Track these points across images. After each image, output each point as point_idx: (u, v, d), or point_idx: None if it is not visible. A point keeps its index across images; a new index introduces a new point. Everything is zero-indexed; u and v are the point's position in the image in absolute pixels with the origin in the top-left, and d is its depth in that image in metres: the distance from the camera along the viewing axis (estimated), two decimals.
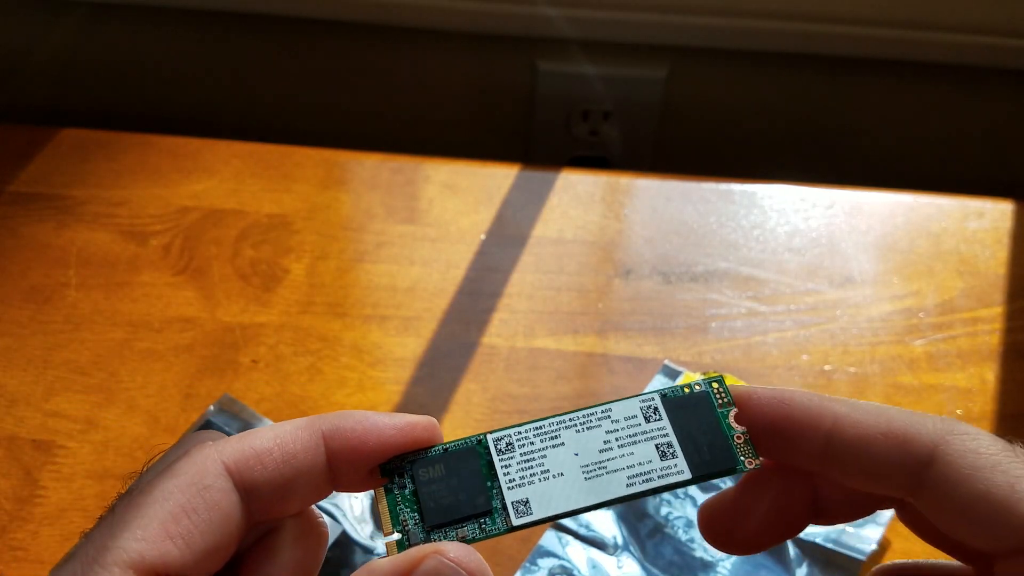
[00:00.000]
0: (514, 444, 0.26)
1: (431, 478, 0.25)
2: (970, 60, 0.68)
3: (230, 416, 0.51)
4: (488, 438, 0.26)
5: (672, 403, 0.26)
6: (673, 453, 0.25)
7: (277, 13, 0.71)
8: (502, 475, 0.25)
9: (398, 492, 0.25)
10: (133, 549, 0.21)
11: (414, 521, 0.25)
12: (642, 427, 0.26)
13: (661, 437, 0.26)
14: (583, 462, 0.25)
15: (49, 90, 0.78)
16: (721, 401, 0.26)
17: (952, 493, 0.23)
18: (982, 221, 0.62)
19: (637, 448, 0.26)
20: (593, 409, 0.26)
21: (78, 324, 0.56)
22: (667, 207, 0.63)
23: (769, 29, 0.68)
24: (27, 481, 0.50)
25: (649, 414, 0.26)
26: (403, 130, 0.78)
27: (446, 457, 0.26)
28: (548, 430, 0.26)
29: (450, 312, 0.57)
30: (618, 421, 0.26)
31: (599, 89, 0.73)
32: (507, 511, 0.25)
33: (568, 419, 0.26)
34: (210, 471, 0.23)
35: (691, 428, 0.26)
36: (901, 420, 0.24)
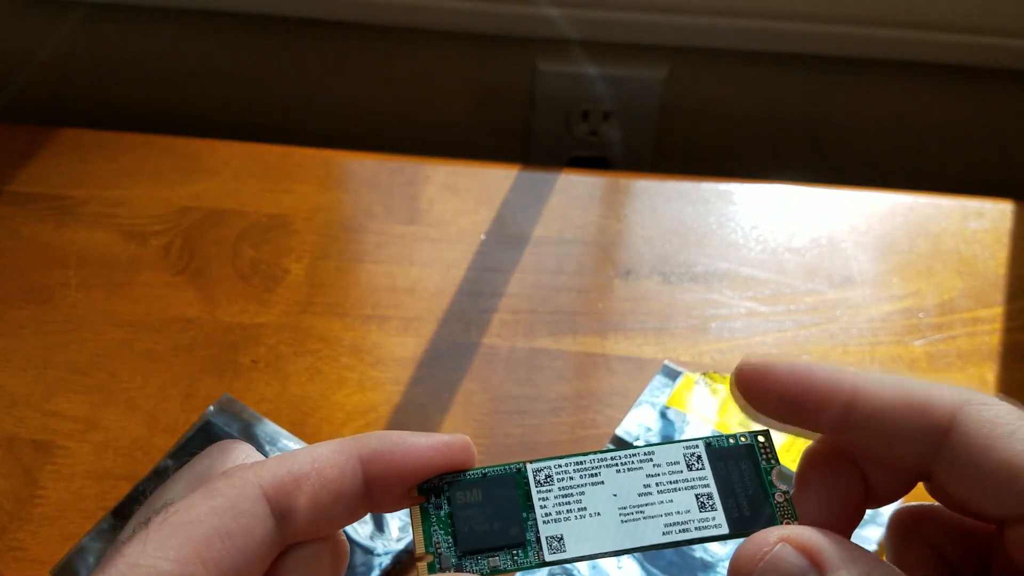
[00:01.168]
0: (553, 477, 0.25)
1: (468, 502, 0.25)
2: (970, 60, 0.68)
3: (230, 416, 0.51)
4: (528, 468, 0.26)
5: (716, 453, 0.26)
6: (712, 505, 0.25)
7: (277, 13, 0.71)
8: (539, 508, 0.25)
9: (434, 513, 0.25)
10: (164, 570, 0.21)
11: (447, 544, 0.25)
12: (683, 474, 0.26)
13: (702, 487, 0.25)
14: (621, 503, 0.25)
15: (49, 90, 0.78)
16: (766, 456, 0.26)
17: (969, 461, 0.23)
18: (982, 221, 0.62)
19: (677, 495, 0.25)
20: (635, 450, 0.26)
21: (78, 324, 0.56)
22: (667, 207, 0.63)
23: (769, 29, 0.68)
24: (27, 481, 0.50)
25: (692, 462, 0.26)
26: (403, 130, 0.78)
27: (484, 483, 0.25)
28: (589, 466, 0.26)
29: (450, 312, 0.57)
30: (660, 465, 0.26)
31: (599, 89, 0.73)
32: (541, 545, 0.24)
33: (610, 457, 0.26)
34: (248, 496, 0.23)
35: (733, 481, 0.26)
36: (920, 390, 0.24)
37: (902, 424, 0.24)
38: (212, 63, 0.75)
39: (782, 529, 0.23)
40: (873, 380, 0.24)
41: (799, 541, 0.23)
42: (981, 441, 0.23)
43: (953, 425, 0.23)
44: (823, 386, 0.24)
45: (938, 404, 0.23)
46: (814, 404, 0.24)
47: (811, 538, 0.23)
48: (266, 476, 0.23)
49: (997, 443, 0.22)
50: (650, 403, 0.53)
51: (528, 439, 0.52)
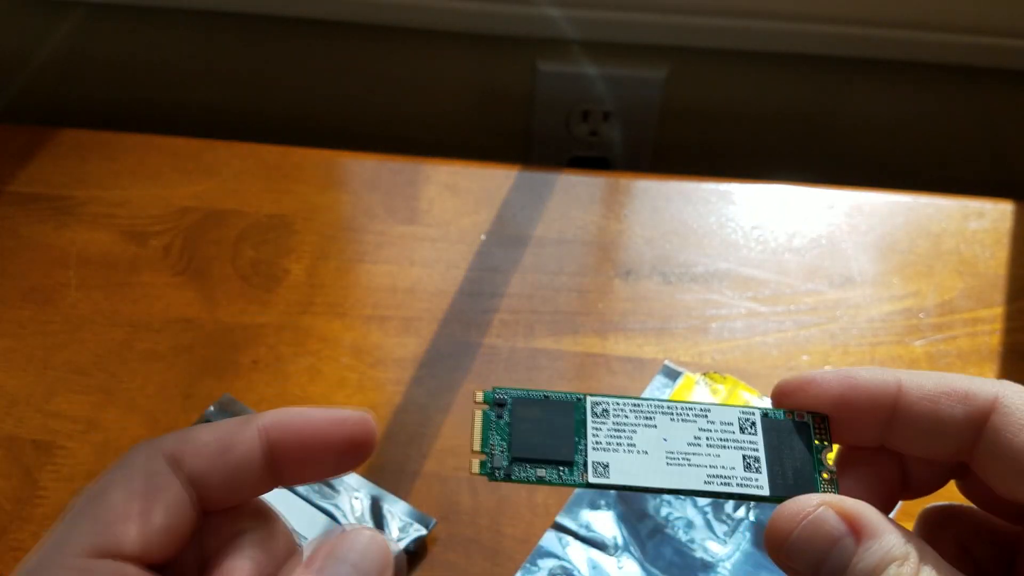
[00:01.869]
0: (610, 412, 0.27)
1: (526, 417, 0.26)
2: (970, 60, 0.68)
3: (230, 416, 0.51)
4: (588, 399, 0.27)
5: (770, 423, 0.27)
6: (758, 468, 0.26)
7: (277, 13, 0.71)
8: (591, 435, 0.26)
9: (495, 420, 0.26)
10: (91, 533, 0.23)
11: (501, 448, 0.26)
12: (735, 435, 0.26)
13: (751, 450, 0.26)
14: (670, 448, 0.26)
15: (49, 90, 0.78)
16: (820, 436, 0.27)
17: (1006, 445, 0.24)
18: (982, 221, 0.62)
19: (725, 452, 0.26)
20: (692, 404, 0.27)
21: (78, 324, 0.56)
22: (667, 207, 0.63)
23: (769, 29, 0.68)
24: (27, 481, 0.50)
25: (745, 426, 0.27)
26: (403, 130, 0.78)
27: (545, 403, 0.27)
28: (645, 409, 0.27)
29: (450, 313, 0.57)
30: (714, 423, 0.26)
31: (599, 89, 0.73)
32: (587, 468, 0.26)
33: (667, 406, 0.27)
34: (153, 459, 0.25)
35: (782, 452, 0.26)
36: (960, 380, 0.25)
37: (945, 411, 0.25)
38: (212, 63, 0.75)
39: (824, 495, 0.24)
40: (916, 375, 0.26)
41: (840, 507, 0.24)
42: (1018, 424, 0.24)
43: (993, 409, 0.24)
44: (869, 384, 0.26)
45: (979, 391, 0.25)
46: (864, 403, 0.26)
47: (852, 506, 0.24)
48: (168, 442, 0.25)
49: None
50: None
51: None
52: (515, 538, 0.48)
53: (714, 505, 0.48)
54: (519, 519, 0.49)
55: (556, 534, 0.48)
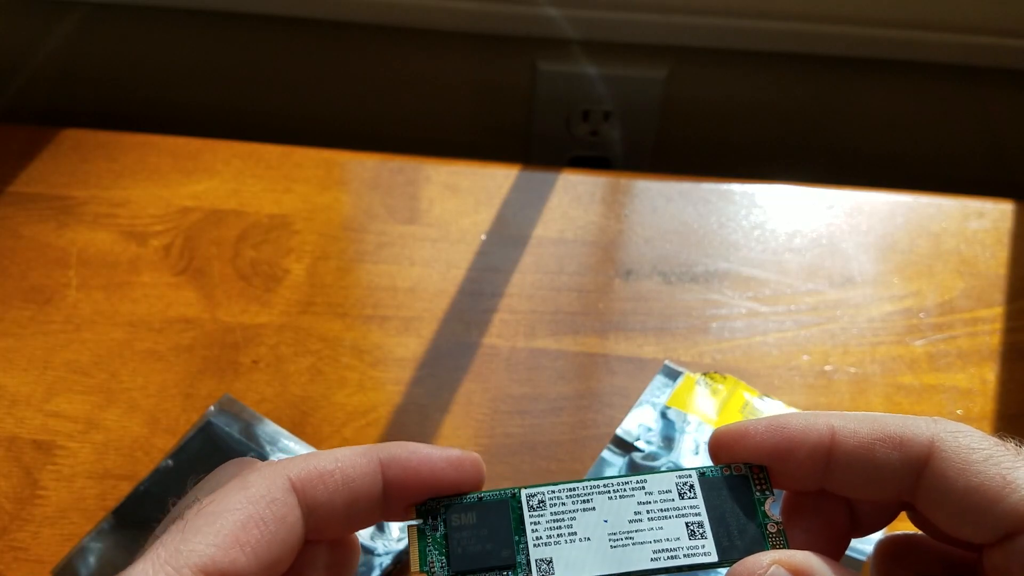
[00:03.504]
0: (546, 502, 0.26)
1: (462, 524, 0.26)
2: (970, 60, 0.68)
3: (230, 416, 0.51)
4: (522, 493, 0.26)
5: (709, 483, 0.26)
6: (703, 534, 0.25)
7: (277, 13, 0.71)
8: (530, 531, 0.26)
9: (430, 534, 0.26)
10: (205, 554, 0.22)
11: (440, 564, 0.25)
12: (675, 503, 0.26)
13: (693, 516, 0.26)
14: (611, 530, 0.25)
15: (49, 90, 0.78)
16: (760, 487, 0.26)
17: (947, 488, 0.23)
18: (982, 221, 0.62)
19: (667, 524, 0.26)
20: (628, 478, 0.26)
21: (78, 324, 0.56)
22: (667, 207, 0.63)
23: (769, 29, 0.68)
24: (27, 482, 0.50)
25: (684, 491, 0.26)
26: (403, 130, 0.78)
27: (479, 506, 0.26)
28: (581, 493, 0.26)
29: (450, 312, 0.57)
30: (652, 493, 0.26)
31: (599, 89, 0.73)
32: (530, 568, 0.25)
33: (603, 484, 0.26)
34: (279, 486, 0.24)
35: (725, 511, 0.26)
36: (895, 424, 0.24)
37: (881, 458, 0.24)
38: (212, 63, 0.75)
39: (775, 553, 0.24)
40: (849, 419, 0.25)
41: (791, 563, 0.23)
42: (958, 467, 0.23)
43: (931, 454, 0.24)
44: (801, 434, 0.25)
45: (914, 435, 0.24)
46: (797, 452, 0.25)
47: (803, 560, 0.23)
48: (294, 469, 0.25)
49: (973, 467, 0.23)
50: (650, 403, 0.53)
51: (528, 439, 0.52)
52: None
53: None
54: None
55: None
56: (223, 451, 0.50)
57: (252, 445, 0.50)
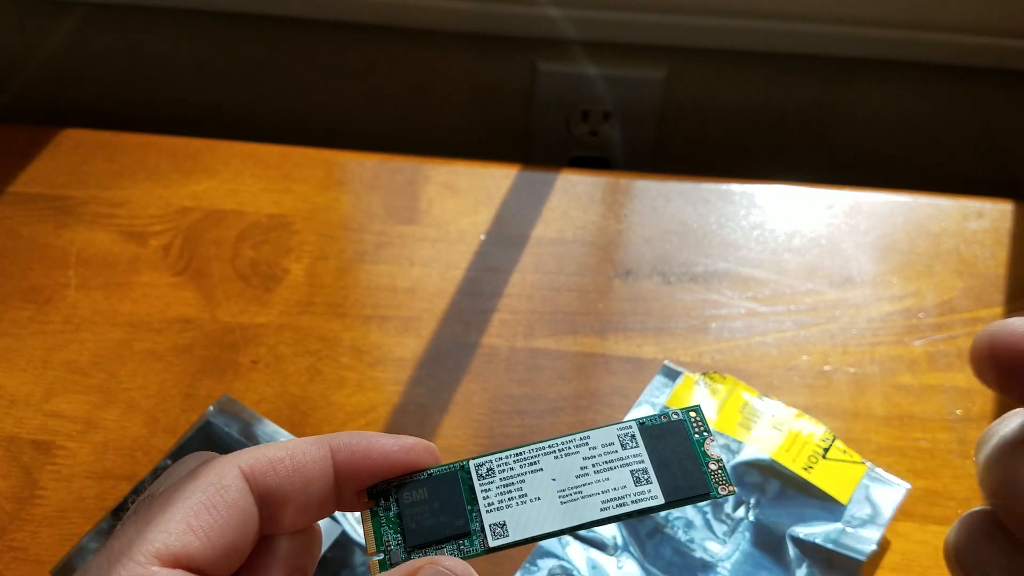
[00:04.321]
0: (495, 469, 0.27)
1: (414, 501, 0.26)
2: (970, 60, 0.68)
3: (230, 416, 0.51)
4: (470, 464, 0.27)
5: (649, 431, 0.27)
6: (648, 479, 0.26)
7: (277, 13, 0.71)
8: (481, 499, 0.26)
9: (383, 515, 0.26)
10: (159, 540, 0.23)
11: (396, 542, 0.26)
12: (618, 454, 0.27)
13: (637, 463, 0.26)
14: (560, 487, 0.26)
15: (49, 90, 0.78)
16: (698, 429, 0.27)
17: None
18: (982, 221, 0.62)
19: (613, 474, 0.26)
20: (572, 436, 0.27)
21: (78, 324, 0.56)
22: (667, 207, 0.63)
23: (769, 29, 0.68)
24: (27, 481, 0.50)
25: (626, 441, 0.27)
26: (403, 130, 0.78)
27: (429, 481, 0.27)
28: (528, 456, 0.27)
29: (450, 312, 0.57)
30: (595, 448, 0.27)
31: (599, 89, 0.73)
32: (485, 533, 0.26)
33: (548, 446, 0.27)
34: (228, 473, 0.25)
35: (667, 456, 0.27)
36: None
37: None
38: (212, 63, 0.75)
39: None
40: None
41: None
42: None
43: None
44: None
45: None
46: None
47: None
48: (244, 458, 0.25)
49: None
50: (650, 403, 0.53)
51: (528, 439, 0.52)
52: None
53: (714, 505, 0.48)
54: None
55: None
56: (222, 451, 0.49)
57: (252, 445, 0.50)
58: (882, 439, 0.52)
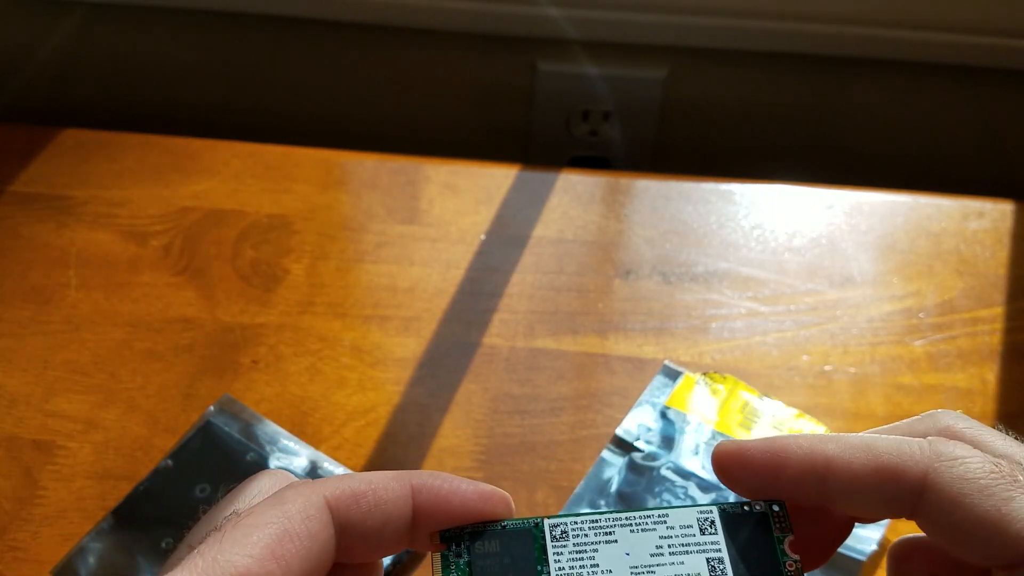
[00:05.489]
0: (568, 533, 0.26)
1: (486, 552, 0.26)
2: (970, 60, 0.68)
3: (230, 416, 0.51)
4: (545, 523, 0.27)
5: (729, 519, 0.27)
6: (723, 571, 0.26)
7: (277, 13, 0.71)
8: (553, 562, 0.26)
9: (454, 560, 0.26)
10: (241, 564, 0.23)
11: None
12: (696, 538, 0.26)
13: (714, 552, 0.26)
14: (633, 563, 0.26)
15: (49, 90, 0.78)
16: (780, 526, 0.27)
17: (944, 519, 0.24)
18: (982, 221, 0.62)
19: (688, 559, 0.26)
20: (650, 512, 0.27)
21: (78, 324, 0.56)
22: (667, 207, 0.63)
23: (769, 29, 0.68)
24: (27, 481, 0.50)
25: (705, 526, 0.26)
26: (403, 130, 0.78)
27: (503, 535, 0.26)
28: (604, 525, 0.26)
29: (450, 312, 0.57)
30: (673, 528, 0.26)
31: (599, 89, 0.73)
32: None
33: (625, 518, 0.26)
34: (314, 503, 0.25)
35: (745, 547, 0.26)
36: (889, 454, 0.25)
37: (876, 490, 0.25)
38: (212, 63, 0.75)
39: None
40: (845, 448, 0.25)
41: None
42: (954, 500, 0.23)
43: (925, 487, 0.24)
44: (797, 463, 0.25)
45: (908, 467, 0.24)
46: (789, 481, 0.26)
47: None
48: (329, 488, 0.25)
49: (969, 500, 0.23)
50: (650, 403, 0.53)
51: (528, 439, 0.52)
52: None
53: None
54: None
55: None
56: (223, 451, 0.50)
57: (252, 445, 0.50)
58: None
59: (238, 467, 0.49)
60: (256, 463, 0.49)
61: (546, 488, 0.50)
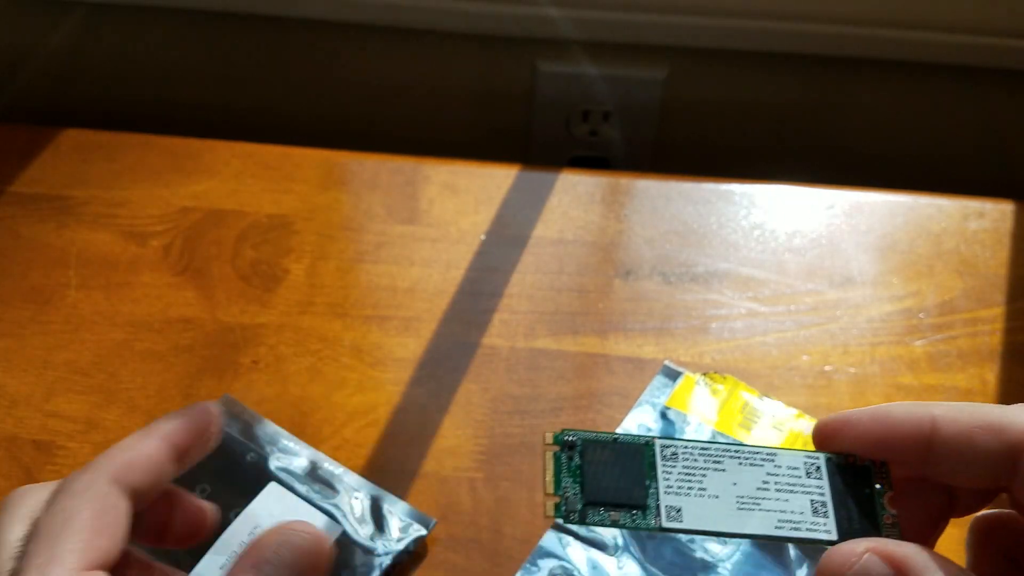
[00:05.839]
0: (679, 455, 0.27)
1: (597, 460, 0.27)
2: (970, 60, 0.68)
3: (230, 417, 0.51)
4: (656, 443, 0.28)
5: (835, 467, 0.28)
6: (825, 513, 0.27)
7: (277, 13, 0.71)
8: (662, 479, 0.27)
9: (566, 462, 0.27)
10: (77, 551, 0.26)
11: (574, 491, 0.27)
12: (801, 480, 0.27)
13: (817, 495, 0.27)
14: (739, 492, 0.27)
15: (49, 90, 0.78)
16: (882, 480, 0.28)
17: None
18: (982, 221, 0.62)
19: (793, 497, 0.27)
20: (759, 448, 0.28)
21: (78, 325, 0.56)
22: (667, 207, 0.63)
23: (769, 29, 0.68)
24: (27, 482, 0.50)
25: (811, 470, 0.28)
26: (403, 130, 0.78)
27: (616, 445, 0.28)
28: (713, 453, 0.27)
29: (450, 312, 0.57)
30: (780, 467, 0.27)
31: (599, 89, 0.73)
32: (659, 512, 0.26)
33: (735, 449, 0.27)
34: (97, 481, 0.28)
35: (846, 496, 0.27)
36: (994, 412, 0.26)
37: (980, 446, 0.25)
38: (212, 63, 0.75)
39: (871, 540, 0.25)
40: (949, 408, 0.26)
41: (886, 551, 0.25)
42: None
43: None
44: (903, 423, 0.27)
45: (1012, 423, 0.25)
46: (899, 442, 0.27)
47: (896, 549, 0.25)
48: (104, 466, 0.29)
49: None
50: (650, 403, 0.53)
51: (528, 439, 0.52)
52: (515, 538, 0.48)
53: None
54: (519, 519, 0.49)
55: (556, 534, 0.48)
56: (224, 451, 0.50)
57: (252, 445, 0.50)
58: None
59: (238, 467, 0.49)
60: (256, 463, 0.49)
61: None
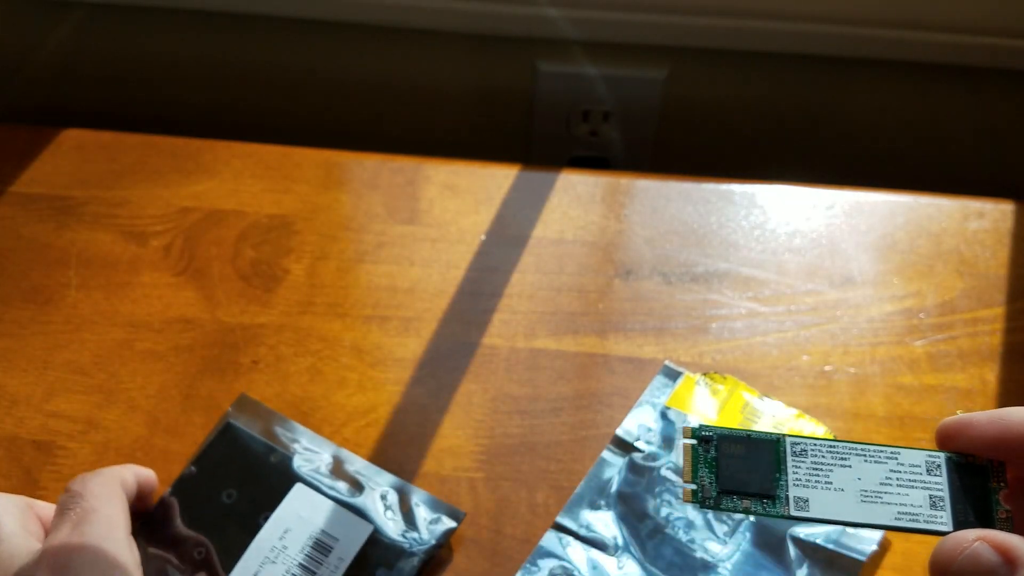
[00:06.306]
0: (807, 451, 0.30)
1: (732, 453, 0.30)
2: (970, 60, 0.68)
3: (249, 417, 0.51)
4: (787, 440, 0.30)
5: (953, 466, 0.30)
6: (943, 507, 0.29)
7: (277, 13, 0.71)
8: (791, 472, 0.30)
9: (702, 454, 0.30)
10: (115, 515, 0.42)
11: (710, 481, 0.30)
12: (922, 477, 0.30)
13: (936, 490, 0.29)
14: (863, 487, 0.29)
15: (49, 90, 0.78)
16: (997, 479, 0.30)
17: None
18: (982, 221, 0.62)
19: (913, 492, 0.29)
20: (883, 447, 0.30)
21: (78, 325, 0.56)
22: (667, 207, 0.63)
23: (769, 29, 0.68)
24: (27, 482, 0.50)
25: (932, 468, 0.30)
26: (403, 130, 0.78)
27: (748, 441, 0.30)
28: (840, 451, 0.30)
29: (450, 312, 0.57)
30: (903, 464, 0.30)
31: (599, 89, 0.73)
32: (789, 502, 0.29)
33: (860, 448, 0.30)
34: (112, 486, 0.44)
35: (963, 492, 0.29)
36: None
37: None
38: (212, 63, 0.75)
39: (979, 531, 0.27)
40: None
41: (995, 540, 0.27)
42: None
43: None
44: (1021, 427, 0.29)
45: None
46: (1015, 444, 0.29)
47: (1005, 539, 0.27)
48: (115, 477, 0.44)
49: None
50: (650, 403, 0.53)
51: (528, 439, 0.52)
52: (515, 538, 0.48)
53: None
54: (519, 519, 0.49)
55: (556, 534, 0.48)
56: (247, 453, 0.49)
57: (275, 446, 0.50)
58: (883, 439, 0.52)
59: (263, 470, 0.49)
60: (280, 465, 0.49)
61: (546, 488, 0.50)
